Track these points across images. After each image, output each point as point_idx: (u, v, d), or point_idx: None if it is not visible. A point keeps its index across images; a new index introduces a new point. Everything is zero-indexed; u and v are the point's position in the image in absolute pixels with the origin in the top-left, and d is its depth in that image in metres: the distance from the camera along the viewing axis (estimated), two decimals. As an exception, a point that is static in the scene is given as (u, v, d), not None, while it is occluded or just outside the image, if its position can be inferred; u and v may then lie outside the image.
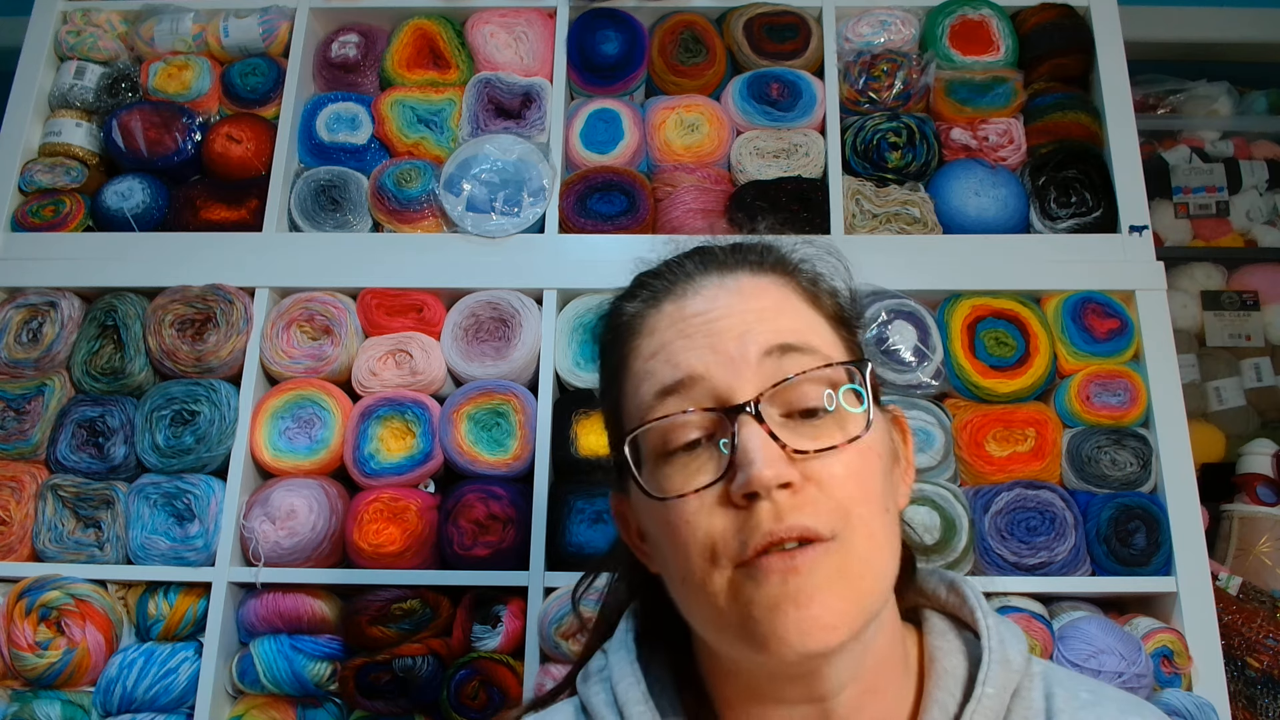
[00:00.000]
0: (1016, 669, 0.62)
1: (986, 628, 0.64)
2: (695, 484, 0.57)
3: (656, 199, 1.57)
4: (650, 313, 0.64)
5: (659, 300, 0.64)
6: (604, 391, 0.68)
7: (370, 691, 1.34)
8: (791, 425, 0.58)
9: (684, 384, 0.59)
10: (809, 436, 0.57)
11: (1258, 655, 1.44)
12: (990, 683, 0.61)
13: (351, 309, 1.50)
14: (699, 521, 0.57)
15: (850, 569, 0.56)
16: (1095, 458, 1.40)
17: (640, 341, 0.63)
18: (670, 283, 0.65)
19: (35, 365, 1.49)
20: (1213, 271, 2.16)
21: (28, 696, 1.34)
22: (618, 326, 0.66)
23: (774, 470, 0.55)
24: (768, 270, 0.65)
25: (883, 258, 1.49)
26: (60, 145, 1.64)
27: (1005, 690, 0.61)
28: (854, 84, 1.62)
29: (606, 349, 0.68)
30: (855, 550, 0.56)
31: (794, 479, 0.55)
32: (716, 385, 0.58)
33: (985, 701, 0.60)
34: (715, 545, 0.57)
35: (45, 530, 1.41)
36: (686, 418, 0.58)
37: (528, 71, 1.64)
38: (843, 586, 0.55)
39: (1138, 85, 1.91)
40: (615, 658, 0.68)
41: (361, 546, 1.38)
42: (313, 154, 1.62)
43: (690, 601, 0.60)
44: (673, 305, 0.63)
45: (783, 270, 0.65)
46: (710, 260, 0.65)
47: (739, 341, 0.59)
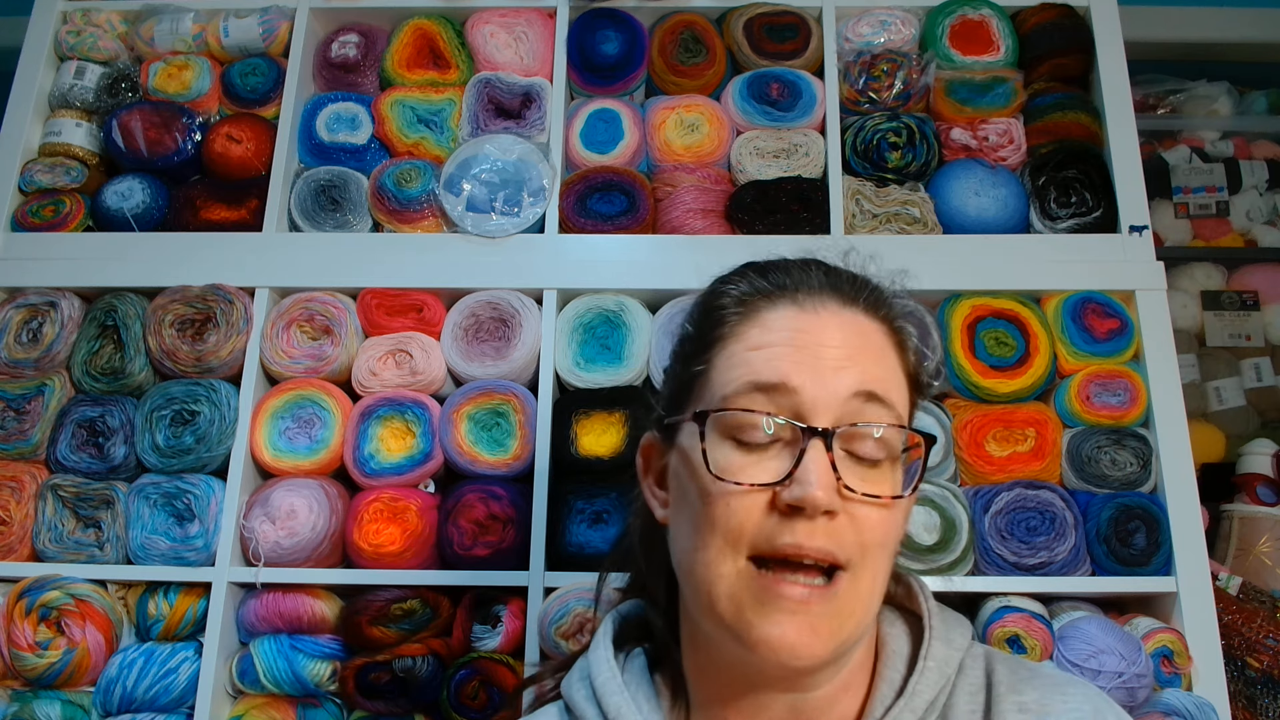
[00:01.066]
0: (957, 647, 0.68)
1: (928, 610, 0.70)
2: (753, 478, 0.62)
3: (656, 199, 1.57)
4: (764, 305, 0.68)
5: (776, 298, 0.68)
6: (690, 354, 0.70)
7: (370, 691, 1.34)
8: (849, 463, 0.63)
9: (778, 389, 0.63)
10: (859, 478, 0.63)
11: (1258, 655, 1.44)
12: (931, 656, 0.67)
13: (351, 309, 1.50)
14: (737, 508, 0.62)
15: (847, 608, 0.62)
16: (1095, 458, 1.40)
17: (748, 329, 0.67)
18: (795, 286, 0.69)
19: (35, 365, 1.49)
20: (1213, 271, 2.16)
21: (28, 696, 1.34)
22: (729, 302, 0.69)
23: (827, 496, 0.60)
24: (877, 316, 0.69)
25: (883, 258, 1.48)
26: (60, 145, 1.64)
27: (946, 664, 0.67)
28: (854, 84, 1.62)
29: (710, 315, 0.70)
30: (860, 585, 0.62)
31: (838, 508, 0.61)
32: (803, 402, 0.63)
33: (926, 674, 0.66)
34: (743, 533, 0.62)
35: (45, 530, 1.41)
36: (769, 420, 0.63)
37: (528, 71, 1.64)
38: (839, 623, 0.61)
39: (1138, 85, 1.91)
40: (594, 656, 0.72)
41: (361, 546, 1.38)
42: (313, 154, 1.62)
43: (696, 569, 0.64)
44: (791, 310, 0.67)
45: (887, 319, 0.70)
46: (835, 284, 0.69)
47: (837, 373, 0.63)
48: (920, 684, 0.66)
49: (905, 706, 0.65)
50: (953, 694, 0.67)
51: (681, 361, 0.72)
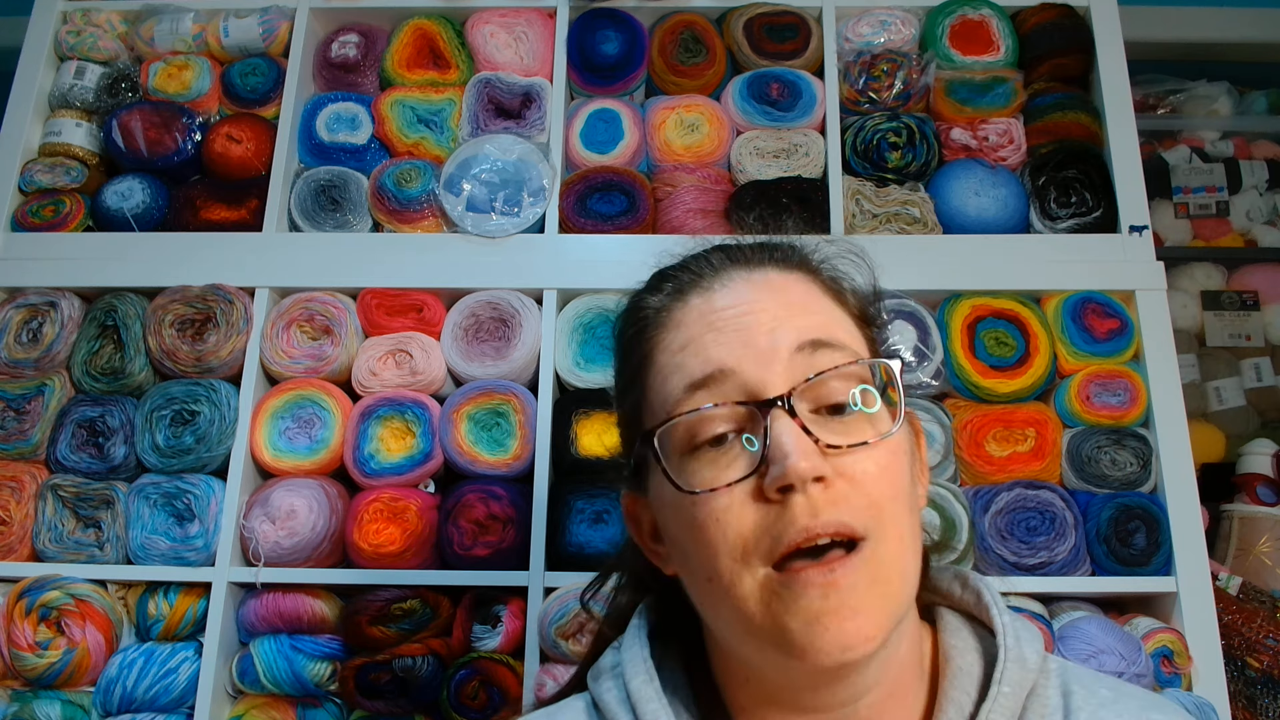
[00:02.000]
0: (1032, 667, 0.61)
1: (1002, 625, 0.62)
2: (726, 478, 0.56)
3: (656, 199, 1.57)
4: (676, 306, 0.63)
5: (685, 294, 0.63)
6: (624, 388, 0.66)
7: (370, 691, 1.34)
8: (821, 421, 0.57)
9: (714, 378, 0.58)
10: (839, 433, 0.57)
11: (1258, 655, 1.44)
12: (1006, 681, 0.60)
13: (351, 309, 1.50)
14: (729, 519, 0.56)
15: (881, 572, 0.55)
16: (1095, 458, 1.40)
17: (666, 335, 0.62)
18: (696, 276, 0.64)
19: (35, 365, 1.49)
20: (1213, 271, 2.16)
21: (28, 696, 1.34)
22: (640, 320, 0.64)
23: (809, 462, 0.54)
24: (793, 267, 0.64)
25: (883, 258, 1.48)
26: (60, 145, 1.64)
27: (1021, 689, 0.60)
28: (854, 84, 1.62)
29: (628, 344, 0.66)
30: (887, 551, 0.56)
31: (827, 473, 0.55)
32: (748, 379, 0.57)
33: (1001, 700, 0.59)
34: (746, 543, 0.56)
35: (45, 530, 1.41)
36: (716, 411, 0.57)
37: (528, 71, 1.64)
38: (877, 592, 0.55)
39: (1138, 85, 1.91)
40: (629, 654, 0.66)
41: (361, 546, 1.38)
42: (313, 154, 1.62)
43: (716, 603, 0.58)
44: (700, 299, 0.62)
45: (807, 267, 0.65)
46: (736, 255, 0.64)
47: (770, 335, 0.58)
48: (994, 713, 0.59)
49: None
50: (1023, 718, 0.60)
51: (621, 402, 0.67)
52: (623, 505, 0.70)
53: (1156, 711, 0.62)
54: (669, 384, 0.60)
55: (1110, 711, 0.61)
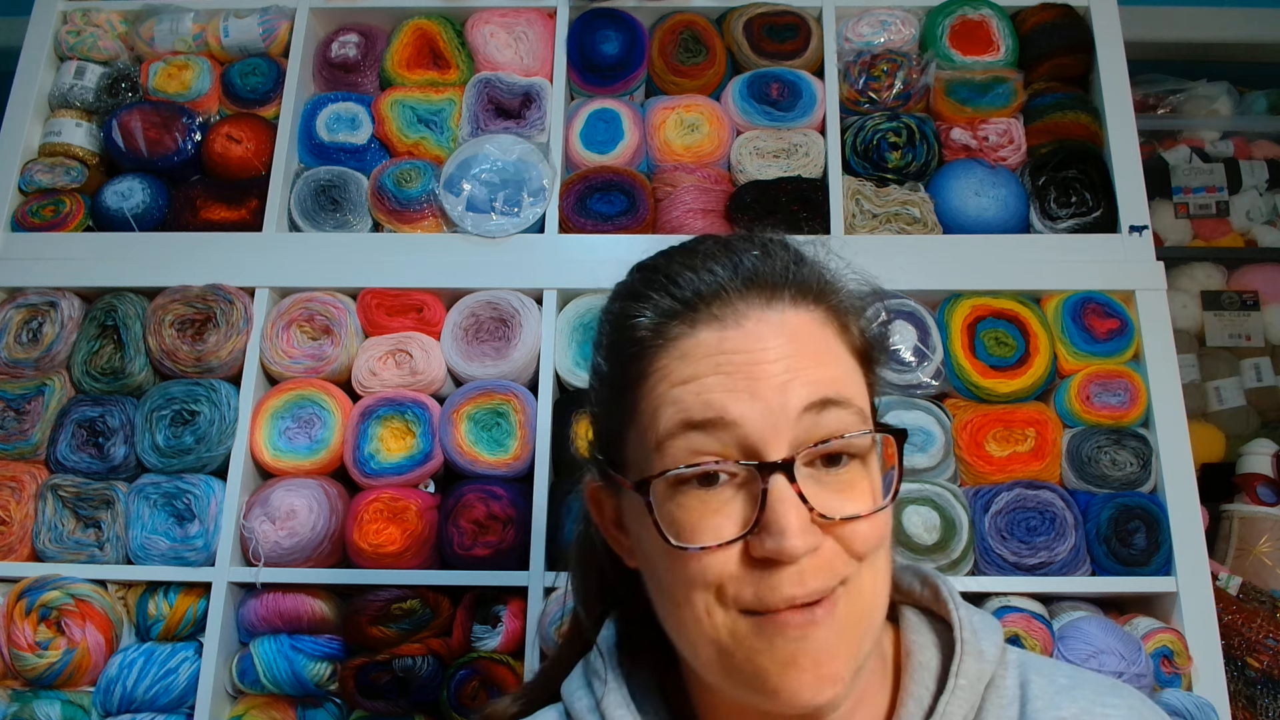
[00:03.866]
0: (990, 659, 0.63)
1: (959, 619, 0.64)
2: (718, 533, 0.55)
3: (656, 199, 1.57)
4: (685, 332, 0.59)
5: (697, 319, 0.59)
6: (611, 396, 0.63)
7: (370, 691, 1.34)
8: (816, 475, 0.57)
9: (715, 424, 0.56)
10: (832, 489, 0.56)
11: (1258, 655, 1.44)
12: (963, 674, 0.61)
13: (351, 309, 1.50)
14: (710, 565, 0.56)
15: (855, 611, 0.57)
16: (1095, 458, 1.40)
17: (670, 364, 0.58)
18: (710, 295, 0.59)
19: (35, 365, 1.49)
20: (1213, 271, 2.16)
21: (28, 696, 1.34)
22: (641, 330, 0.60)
23: (804, 542, 0.54)
24: (809, 301, 0.60)
25: (883, 258, 1.49)
26: (60, 145, 1.64)
27: (979, 680, 0.62)
28: (854, 84, 1.62)
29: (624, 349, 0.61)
30: (863, 590, 0.57)
31: (819, 545, 0.55)
32: (750, 435, 0.55)
33: (958, 693, 0.61)
34: (725, 589, 0.56)
35: (45, 530, 1.41)
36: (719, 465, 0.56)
37: (528, 71, 1.64)
38: (852, 633, 0.56)
39: (1138, 85, 1.91)
40: (597, 664, 0.67)
41: (361, 546, 1.38)
42: (313, 154, 1.62)
43: (684, 629, 0.58)
44: (714, 331, 0.58)
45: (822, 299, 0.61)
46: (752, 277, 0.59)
47: (780, 392, 0.56)
48: (951, 704, 0.60)
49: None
50: (982, 708, 0.61)
51: (604, 405, 0.65)
52: (586, 490, 0.69)
53: (1113, 695, 0.64)
54: (664, 414, 0.57)
55: (1067, 698, 0.62)
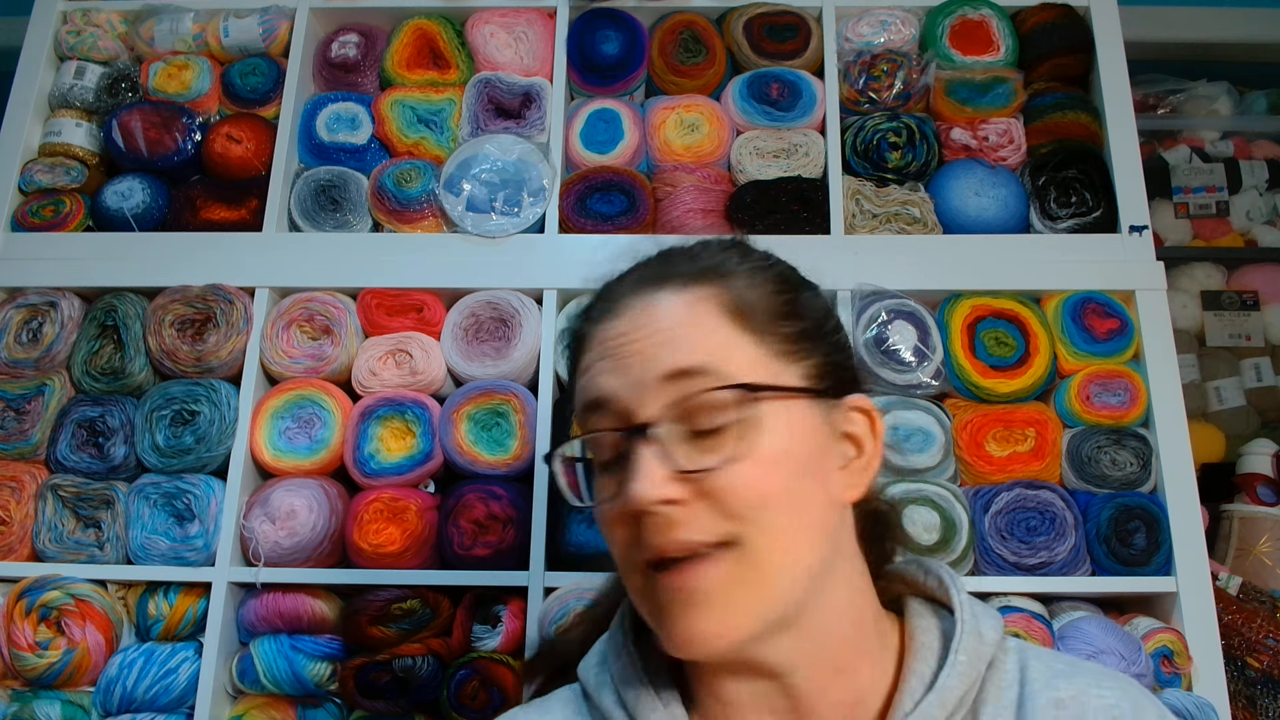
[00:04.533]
0: (989, 641, 0.66)
1: (960, 604, 0.68)
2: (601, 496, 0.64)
3: (656, 199, 1.57)
4: (589, 329, 0.68)
5: (595, 318, 0.68)
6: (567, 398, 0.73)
7: (370, 691, 1.34)
8: (695, 442, 0.61)
9: (599, 404, 0.64)
10: (709, 451, 0.60)
11: (1258, 655, 1.44)
12: (963, 651, 0.64)
13: (351, 309, 1.50)
14: (615, 531, 0.63)
15: (750, 574, 0.60)
16: (1095, 458, 1.40)
17: (582, 357, 0.68)
18: (606, 300, 0.68)
19: (35, 365, 1.49)
20: (1213, 271, 2.16)
21: (28, 696, 1.34)
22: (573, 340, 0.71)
23: (651, 489, 0.59)
24: (693, 283, 0.65)
25: (883, 258, 1.49)
26: (60, 145, 1.64)
27: (978, 659, 0.65)
28: (854, 84, 1.62)
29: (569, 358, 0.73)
30: (758, 554, 0.60)
31: (677, 495, 0.60)
32: (624, 408, 0.62)
33: (957, 668, 0.64)
34: (625, 553, 0.63)
35: (45, 530, 1.41)
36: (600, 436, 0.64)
37: (528, 71, 1.64)
38: (743, 593, 0.60)
39: (1138, 85, 1.91)
40: (611, 642, 0.72)
41: (361, 546, 1.38)
42: (313, 154, 1.62)
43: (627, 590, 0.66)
44: (603, 325, 0.66)
45: (707, 281, 0.65)
46: (641, 277, 0.68)
47: (642, 366, 0.62)
48: (950, 678, 0.64)
49: (935, 701, 0.63)
50: (983, 689, 0.65)
51: None
52: None
53: (1109, 680, 0.66)
54: (576, 404, 0.68)
55: (1064, 680, 0.65)
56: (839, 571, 0.65)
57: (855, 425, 0.67)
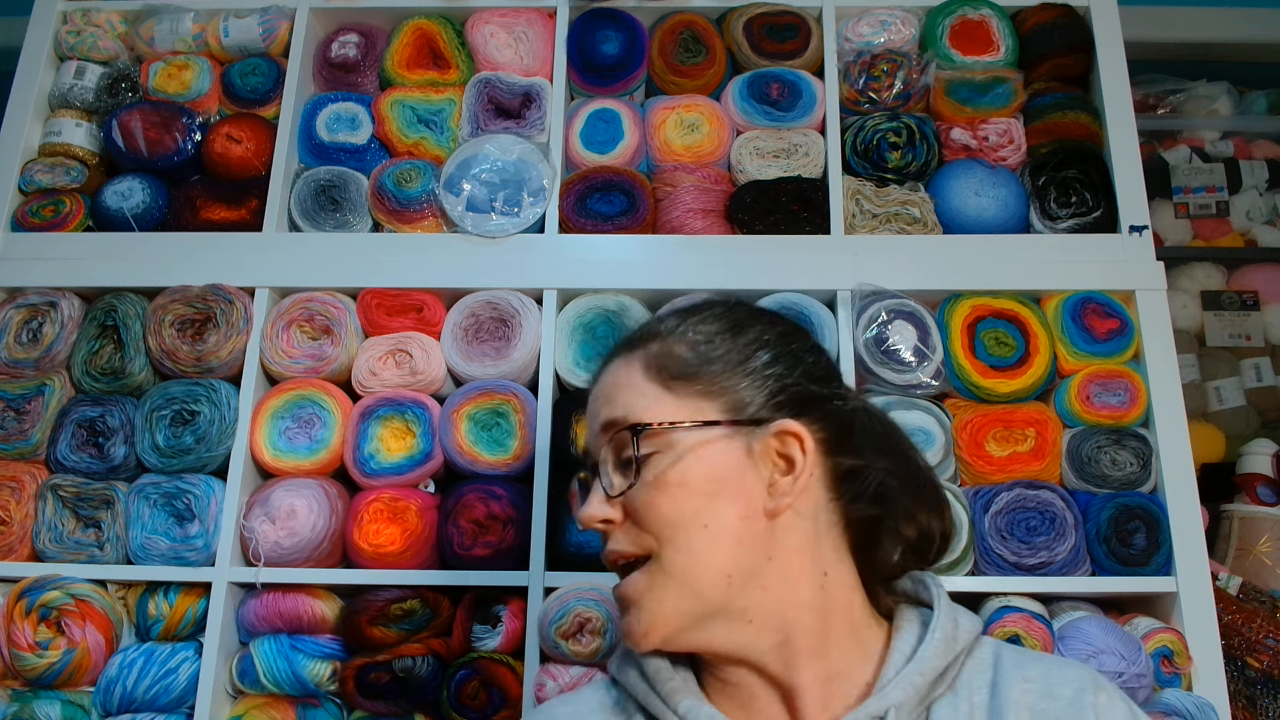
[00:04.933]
0: (965, 629, 0.75)
1: (937, 597, 0.77)
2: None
3: (656, 199, 1.57)
4: None
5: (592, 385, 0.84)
6: None
7: (370, 692, 1.34)
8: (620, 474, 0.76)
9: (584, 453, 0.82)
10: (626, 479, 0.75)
11: (1258, 655, 1.44)
12: (939, 629, 0.74)
13: (351, 309, 1.50)
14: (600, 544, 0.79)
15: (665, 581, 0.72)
16: (1095, 458, 1.40)
17: None
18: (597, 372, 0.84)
19: (35, 365, 1.49)
20: (1213, 271, 2.16)
21: (28, 696, 1.34)
22: None
23: (590, 510, 0.76)
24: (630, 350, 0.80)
25: (883, 258, 1.49)
26: (60, 145, 1.64)
27: (954, 640, 0.74)
28: (854, 84, 1.62)
29: None
30: (670, 564, 0.72)
31: (610, 515, 0.76)
32: (590, 453, 0.80)
33: (934, 644, 0.72)
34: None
35: (45, 530, 1.41)
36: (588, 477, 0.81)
37: (528, 71, 1.64)
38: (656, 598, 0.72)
39: (1138, 85, 1.91)
40: None
41: (362, 546, 1.38)
42: (313, 154, 1.62)
43: None
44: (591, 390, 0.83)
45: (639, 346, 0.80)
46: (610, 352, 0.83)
47: (594, 420, 0.80)
48: (927, 649, 0.72)
49: (914, 669, 0.71)
50: (962, 671, 0.74)
51: None
52: None
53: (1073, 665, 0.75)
54: None
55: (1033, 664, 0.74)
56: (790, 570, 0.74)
57: (787, 446, 0.75)
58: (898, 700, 0.70)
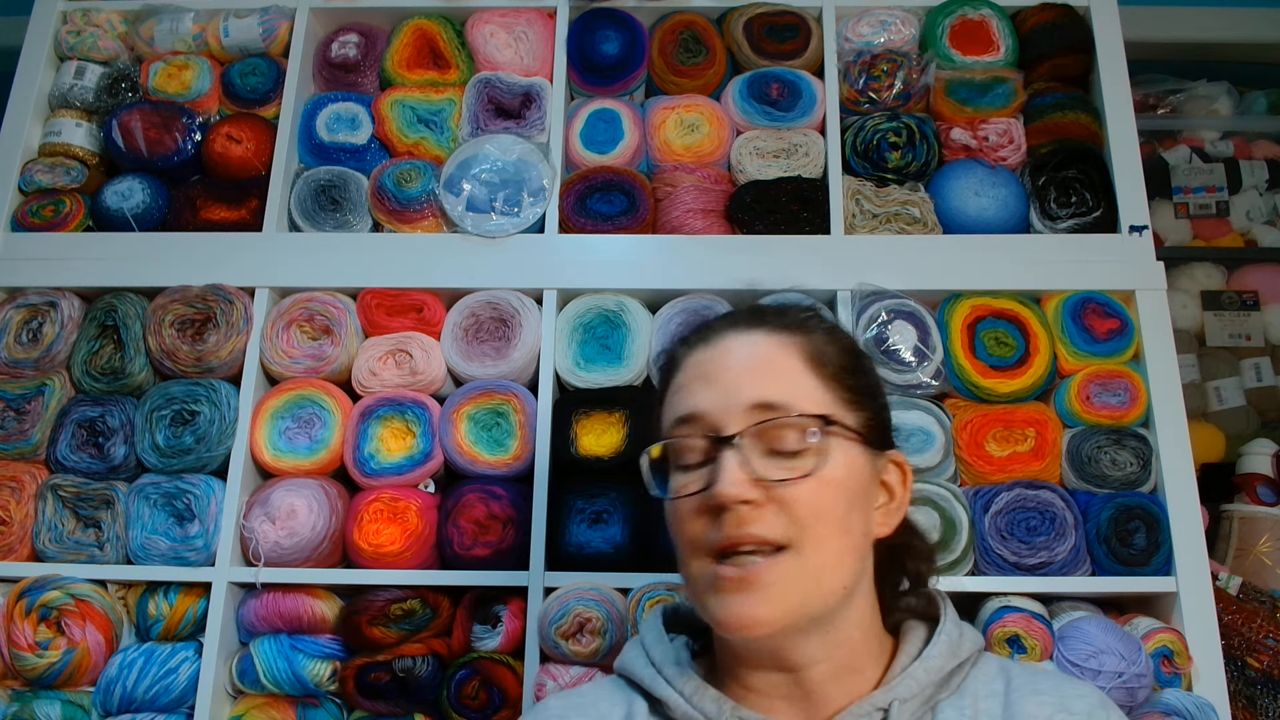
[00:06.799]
0: (969, 639, 0.78)
1: (944, 609, 0.80)
2: (685, 489, 0.75)
3: (656, 199, 1.57)
4: (684, 354, 0.81)
5: (694, 345, 0.81)
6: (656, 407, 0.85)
7: (370, 692, 1.34)
8: (771, 460, 0.73)
9: (692, 418, 0.76)
10: (780, 468, 0.73)
11: (1258, 655, 1.44)
12: (944, 633, 0.78)
13: (351, 309, 1.50)
14: (688, 519, 0.75)
15: (800, 574, 0.72)
16: (1095, 458, 1.40)
17: (675, 376, 0.81)
18: (701, 333, 0.82)
19: (35, 365, 1.49)
20: (1213, 271, 2.16)
21: (28, 696, 1.34)
22: (668, 361, 0.84)
23: (735, 490, 0.71)
24: (779, 330, 0.79)
25: (883, 258, 1.49)
26: (60, 145, 1.64)
27: (959, 646, 0.77)
28: (854, 84, 1.62)
29: (661, 375, 0.85)
30: (805, 559, 0.72)
31: (754, 497, 0.72)
32: (713, 423, 0.75)
33: (940, 645, 0.76)
34: (696, 540, 0.75)
35: (45, 530, 1.41)
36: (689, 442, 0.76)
37: (528, 71, 1.64)
38: (789, 589, 0.71)
39: (1138, 85, 1.91)
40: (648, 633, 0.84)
41: (361, 546, 1.38)
42: (313, 154, 1.62)
43: (687, 582, 0.78)
44: (700, 351, 0.80)
45: (791, 332, 0.79)
46: (738, 319, 0.81)
47: (736, 390, 0.75)
48: (934, 650, 0.76)
49: (920, 667, 0.75)
50: (967, 679, 0.77)
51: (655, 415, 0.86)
52: None
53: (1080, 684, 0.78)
54: (667, 416, 0.80)
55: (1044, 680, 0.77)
56: (862, 590, 0.77)
57: (890, 475, 0.80)
58: (903, 694, 0.74)
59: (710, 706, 0.75)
